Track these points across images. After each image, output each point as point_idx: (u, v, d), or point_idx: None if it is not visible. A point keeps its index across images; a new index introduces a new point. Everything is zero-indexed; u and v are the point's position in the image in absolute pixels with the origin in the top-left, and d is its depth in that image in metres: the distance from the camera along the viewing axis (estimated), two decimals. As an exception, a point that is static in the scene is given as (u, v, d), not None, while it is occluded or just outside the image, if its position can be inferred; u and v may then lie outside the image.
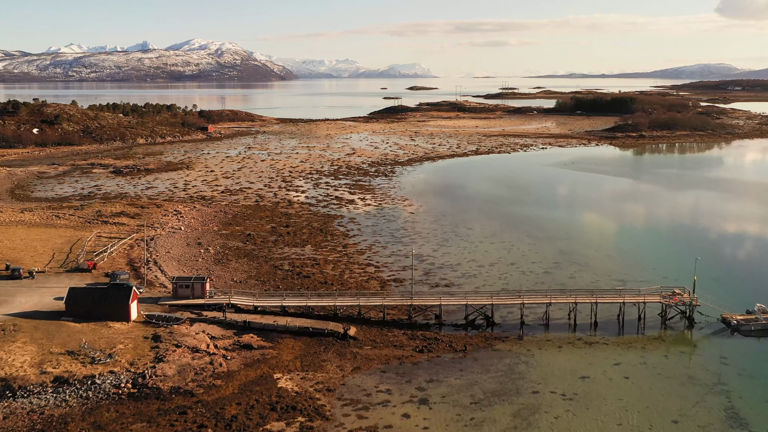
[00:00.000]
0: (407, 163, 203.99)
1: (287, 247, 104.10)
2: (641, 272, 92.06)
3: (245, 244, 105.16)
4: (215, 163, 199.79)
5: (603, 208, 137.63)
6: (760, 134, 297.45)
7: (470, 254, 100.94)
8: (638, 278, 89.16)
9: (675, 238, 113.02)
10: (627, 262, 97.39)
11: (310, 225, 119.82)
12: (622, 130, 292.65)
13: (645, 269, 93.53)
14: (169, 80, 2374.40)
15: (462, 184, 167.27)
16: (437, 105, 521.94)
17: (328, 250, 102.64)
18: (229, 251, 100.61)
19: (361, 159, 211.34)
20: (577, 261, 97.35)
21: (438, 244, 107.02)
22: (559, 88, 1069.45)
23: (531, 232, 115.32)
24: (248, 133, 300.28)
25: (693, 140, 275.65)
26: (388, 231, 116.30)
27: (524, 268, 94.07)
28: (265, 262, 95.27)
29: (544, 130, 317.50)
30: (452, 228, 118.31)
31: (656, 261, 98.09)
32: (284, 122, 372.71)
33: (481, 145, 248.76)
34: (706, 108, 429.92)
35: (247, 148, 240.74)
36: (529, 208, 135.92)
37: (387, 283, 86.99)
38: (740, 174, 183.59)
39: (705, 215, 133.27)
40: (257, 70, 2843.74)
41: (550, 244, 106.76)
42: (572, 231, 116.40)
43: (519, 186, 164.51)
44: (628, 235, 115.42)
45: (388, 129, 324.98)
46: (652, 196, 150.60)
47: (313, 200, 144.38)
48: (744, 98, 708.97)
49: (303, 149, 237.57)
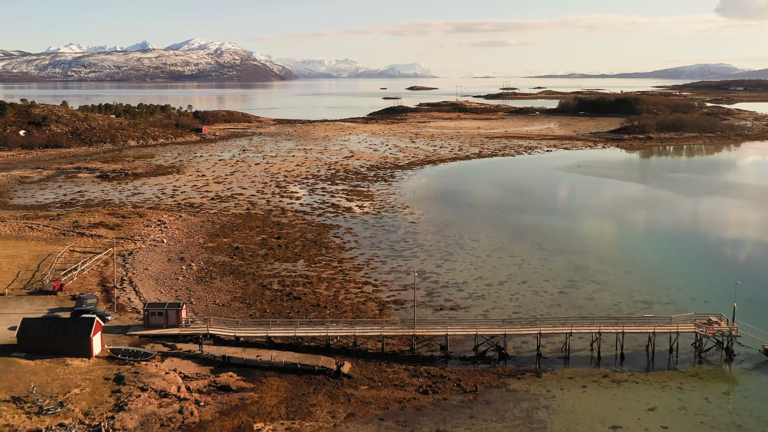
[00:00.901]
0: (407, 166, 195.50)
1: (278, 262, 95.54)
2: (666, 292, 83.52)
3: (232, 259, 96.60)
4: (207, 167, 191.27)
5: (617, 217, 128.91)
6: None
7: (477, 270, 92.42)
8: (663, 299, 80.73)
9: (700, 252, 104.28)
10: (649, 280, 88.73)
11: (303, 236, 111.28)
12: (628, 132, 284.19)
13: (670, 288, 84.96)
14: (168, 80, 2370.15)
15: (465, 190, 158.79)
16: (437, 105, 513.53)
17: (322, 266, 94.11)
18: (214, 267, 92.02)
19: (359, 162, 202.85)
20: (594, 278, 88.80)
21: (442, 259, 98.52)
22: (559, 88, 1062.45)
23: (541, 244, 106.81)
24: (244, 135, 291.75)
25: (702, 142, 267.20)
26: (388, 243, 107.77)
27: (537, 287, 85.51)
28: (253, 281, 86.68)
29: (547, 132, 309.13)
30: (456, 239, 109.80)
31: (681, 278, 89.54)
32: (281, 123, 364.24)
33: (483, 148, 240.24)
34: (711, 109, 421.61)
35: (242, 151, 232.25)
36: (537, 217, 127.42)
37: (386, 306, 78.45)
38: (760, 179, 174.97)
39: (730, 225, 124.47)
40: (257, 70, 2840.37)
41: (563, 259, 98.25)
42: (586, 243, 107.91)
43: (525, 192, 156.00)
44: (647, 247, 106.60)
45: (387, 130, 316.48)
46: (668, 204, 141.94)
47: (308, 208, 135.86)
48: (747, 98, 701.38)
49: (299, 152, 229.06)
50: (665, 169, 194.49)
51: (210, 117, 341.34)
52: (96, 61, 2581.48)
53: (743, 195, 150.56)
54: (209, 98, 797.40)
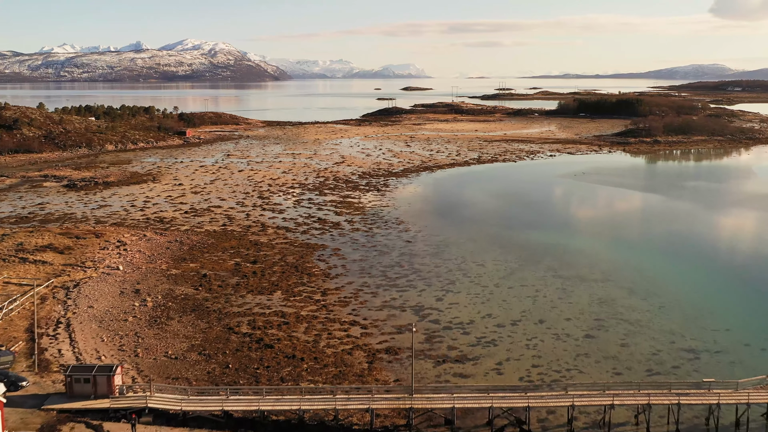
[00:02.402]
0: (402, 174, 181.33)
1: (251, 295, 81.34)
2: (712, 335, 69.52)
3: (197, 291, 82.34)
4: (186, 175, 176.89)
5: (638, 236, 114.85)
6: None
7: (485, 305, 78.32)
8: (712, 346, 66.78)
9: (741, 280, 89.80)
10: (689, 318, 74.67)
11: (283, 260, 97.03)
12: (634, 135, 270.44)
13: (716, 330, 70.92)
14: (161, 81, 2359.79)
15: (466, 201, 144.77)
16: (433, 106, 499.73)
17: (302, 299, 79.93)
18: (174, 303, 77.70)
19: (350, 169, 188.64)
20: (623, 316, 74.76)
21: (442, 289, 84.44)
22: (554, 89, 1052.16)
23: (557, 269, 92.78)
24: (230, 138, 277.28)
25: (712, 146, 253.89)
26: (380, 268, 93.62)
27: (557, 328, 71.40)
28: (218, 321, 72.40)
29: (548, 135, 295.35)
30: (459, 264, 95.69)
31: (726, 316, 75.62)
32: (271, 125, 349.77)
33: (483, 152, 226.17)
34: (716, 110, 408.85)
35: (226, 156, 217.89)
36: (548, 235, 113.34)
37: (377, 357, 64.30)
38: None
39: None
40: (251, 71, 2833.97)
41: (584, 289, 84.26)
42: (607, 268, 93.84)
43: (532, 204, 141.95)
44: (679, 274, 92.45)
45: (381, 133, 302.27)
46: (692, 218, 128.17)
47: (291, 223, 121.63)
48: (748, 99, 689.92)
49: (287, 157, 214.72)
50: (680, 176, 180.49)
51: (196, 119, 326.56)
52: (89, 61, 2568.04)
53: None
54: (202, 99, 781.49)
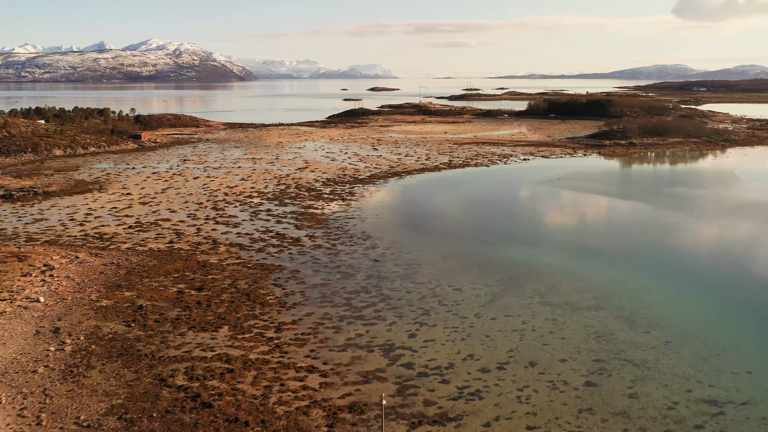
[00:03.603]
0: (369, 180, 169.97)
1: (192, 332, 69.48)
2: (734, 381, 59.10)
3: (129, 328, 70.24)
4: (136, 183, 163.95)
5: (627, 252, 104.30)
6: (757, 141, 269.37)
7: (465, 343, 67.23)
8: (735, 396, 56.30)
9: (753, 305, 79.44)
10: (702, 357, 64.22)
11: (234, 285, 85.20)
12: (609, 137, 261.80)
13: (737, 374, 60.52)
14: (125, 81, 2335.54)
15: (438, 212, 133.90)
16: (400, 107, 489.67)
17: (252, 337, 68.22)
18: (98, 346, 65.55)
19: (314, 175, 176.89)
20: (626, 356, 64.13)
21: (416, 321, 73.23)
22: (521, 89, 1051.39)
23: (544, 294, 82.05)
24: (188, 142, 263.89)
25: (689, 148, 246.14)
26: (344, 295, 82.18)
27: (552, 373, 60.54)
28: (149, 370, 60.45)
29: (520, 137, 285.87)
30: (433, 288, 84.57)
31: (744, 353, 65.28)
32: (232, 127, 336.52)
33: (453, 156, 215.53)
34: (687, 111, 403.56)
35: (182, 161, 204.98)
36: (530, 251, 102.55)
37: (338, 416, 52.78)
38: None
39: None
40: (216, 71, 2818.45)
41: (576, 320, 73.58)
42: (599, 292, 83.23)
43: (509, 214, 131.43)
44: (681, 298, 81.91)
45: (347, 135, 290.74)
46: (685, 231, 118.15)
47: (246, 239, 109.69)
48: (714, 99, 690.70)
49: (247, 162, 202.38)
50: (662, 182, 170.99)
51: (153, 121, 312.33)
52: (51, 61, 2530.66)
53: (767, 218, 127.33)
54: (165, 100, 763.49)
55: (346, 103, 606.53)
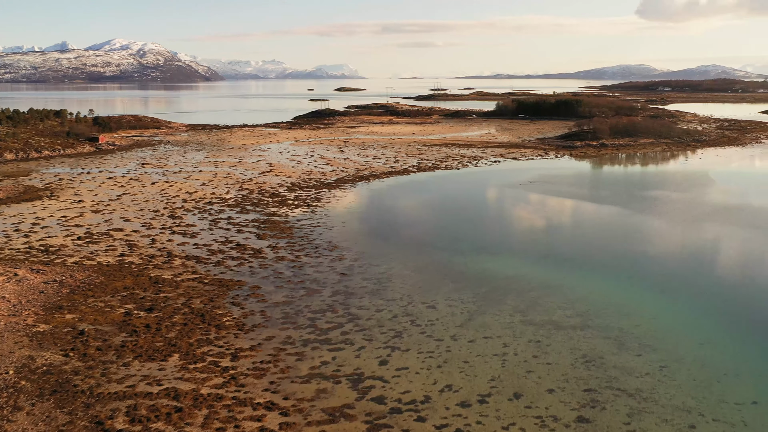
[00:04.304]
0: (336, 184, 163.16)
1: (138, 362, 62.27)
2: (739, 413, 53.36)
3: (67, 358, 62.82)
4: (90, 189, 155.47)
5: (608, 261, 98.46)
6: (728, 141, 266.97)
7: (442, 371, 60.81)
8: (742, 430, 50.67)
9: (749, 320, 73.96)
10: (701, 383, 58.47)
11: (188, 305, 77.99)
12: (580, 138, 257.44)
13: (741, 404, 54.83)
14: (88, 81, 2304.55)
15: (408, 219, 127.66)
16: (367, 108, 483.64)
17: (205, 367, 61.19)
18: (29, 381, 58.09)
19: (278, 180, 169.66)
20: (619, 384, 58.18)
21: (387, 345, 66.67)
22: (488, 89, 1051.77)
23: (525, 312, 75.95)
24: (148, 144, 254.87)
25: (660, 149, 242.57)
26: (308, 314, 75.37)
27: (540, 406, 54.39)
28: (85, 410, 53.19)
29: (489, 138, 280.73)
30: (405, 306, 78.10)
31: (746, 377, 59.67)
32: (195, 129, 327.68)
33: (423, 158, 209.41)
34: (655, 111, 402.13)
35: (141, 165, 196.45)
36: (506, 262, 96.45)
37: (300, 466, 46.23)
38: (756, 198, 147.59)
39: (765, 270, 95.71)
40: (181, 71, 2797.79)
41: (562, 341, 67.54)
42: (583, 308, 77.31)
43: (482, 221, 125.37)
44: (671, 315, 76.12)
45: (313, 137, 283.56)
46: (667, 238, 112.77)
47: (204, 251, 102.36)
48: (680, 99, 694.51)
49: (209, 166, 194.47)
50: (637, 185, 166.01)
51: (113, 123, 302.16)
52: (11, 61, 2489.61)
53: (754, 222, 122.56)
54: (129, 100, 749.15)
55: (313, 103, 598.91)
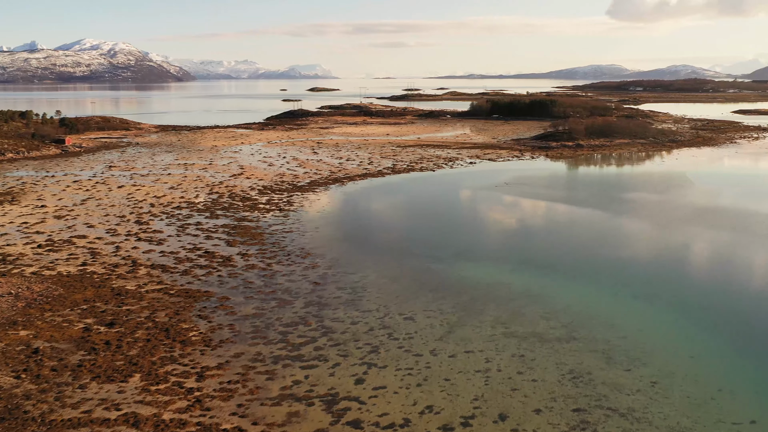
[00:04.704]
0: (309, 187, 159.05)
1: (95, 383, 57.93)
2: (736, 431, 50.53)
3: (18, 381, 58.25)
4: (54, 193, 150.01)
5: (590, 267, 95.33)
6: (703, 141, 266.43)
7: (422, 390, 57.13)
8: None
9: (740, 332, 70.68)
10: (696, 401, 55.30)
11: (152, 318, 73.65)
12: (556, 139, 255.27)
13: (740, 423, 51.74)
14: (57, 82, 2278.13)
15: (383, 224, 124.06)
16: (341, 108, 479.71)
17: (168, 390, 57.00)
18: (-25, 407, 53.71)
19: (249, 182, 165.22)
20: (609, 402, 54.88)
21: (363, 361, 62.87)
22: (461, 89, 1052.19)
23: (506, 323, 72.53)
24: (117, 146, 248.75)
25: (636, 149, 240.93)
26: (280, 328, 71.33)
27: (527, 430, 50.82)
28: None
29: (464, 138, 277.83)
30: (381, 317, 74.35)
31: (742, 394, 56.63)
32: (165, 130, 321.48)
33: (397, 160, 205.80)
34: (629, 111, 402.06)
35: (108, 168, 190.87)
36: (485, 269, 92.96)
37: (270, 503, 42.31)
38: (734, 201, 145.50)
39: (753, 276, 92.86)
40: (153, 71, 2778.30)
41: (547, 355, 64.15)
42: (568, 319, 73.96)
43: (459, 225, 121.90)
44: (659, 325, 72.84)
45: (285, 138, 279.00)
46: (650, 242, 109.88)
47: (171, 259, 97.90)
48: (652, 99, 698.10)
49: (178, 168, 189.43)
50: (616, 187, 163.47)
51: (80, 124, 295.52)
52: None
53: (738, 225, 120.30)
54: (95, 101, 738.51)
55: (286, 103, 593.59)
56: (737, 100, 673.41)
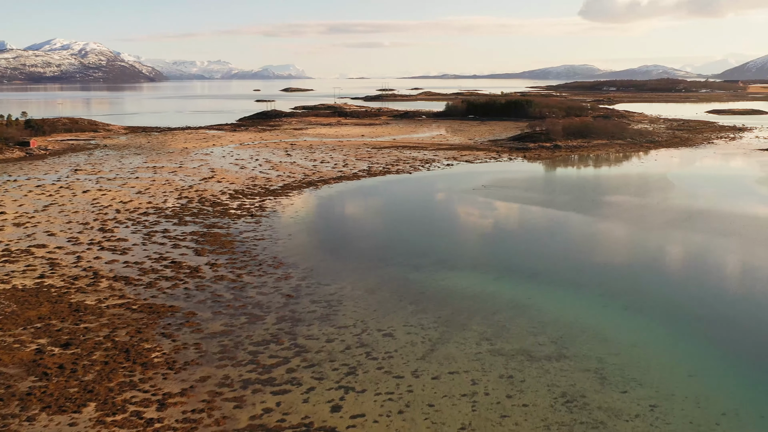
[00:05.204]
0: (282, 191, 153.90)
1: (45, 414, 52.63)
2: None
3: (-41, 413, 53.00)
4: (15, 198, 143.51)
5: (576, 275, 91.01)
6: (680, 142, 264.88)
7: (404, 418, 52.39)
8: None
9: (739, 346, 66.94)
10: (700, 428, 51.20)
11: (111, 337, 68.32)
12: (533, 139, 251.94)
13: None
14: (27, 82, 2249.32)
15: (359, 230, 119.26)
16: (315, 109, 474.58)
17: (125, 421, 51.78)
18: None
19: (220, 186, 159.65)
20: (607, 429, 50.59)
21: (340, 385, 58.04)
22: (435, 89, 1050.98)
23: (491, 339, 68.06)
24: (84, 149, 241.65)
25: (614, 150, 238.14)
26: (249, 348, 66.30)
27: (520, 463, 46.51)
28: (-29, 485, 43.77)
29: (441, 140, 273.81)
30: (359, 334, 69.58)
31: (748, 421, 52.63)
32: (135, 132, 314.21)
33: (373, 162, 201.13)
34: (605, 111, 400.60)
35: (73, 171, 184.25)
36: (467, 279, 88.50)
37: None
38: (718, 202, 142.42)
39: (743, 283, 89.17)
40: (124, 72, 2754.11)
41: (537, 376, 59.70)
42: (557, 333, 69.65)
43: (438, 231, 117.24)
44: (654, 340, 68.61)
45: (258, 140, 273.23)
46: (636, 248, 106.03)
47: (135, 270, 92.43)
48: (626, 99, 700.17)
49: (147, 171, 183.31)
50: (597, 189, 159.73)
51: (47, 126, 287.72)
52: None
53: (723, 230, 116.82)
54: (63, 102, 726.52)
55: (259, 104, 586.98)
56: (710, 100, 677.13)
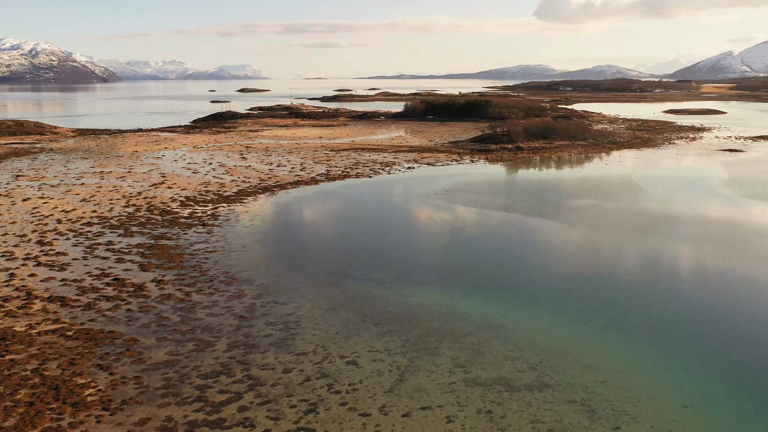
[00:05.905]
0: (236, 197, 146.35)
1: (-46, 472, 45.27)
2: None
3: None
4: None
5: (552, 289, 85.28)
6: (642, 143, 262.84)
7: (372, 467, 46.14)
8: None
9: (737, 368, 61.87)
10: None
11: (40, 371, 60.68)
12: (494, 141, 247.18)
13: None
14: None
15: (318, 239, 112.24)
16: (271, 110, 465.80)
17: (48, 478, 44.59)
18: None
19: (171, 193, 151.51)
20: (603, 477, 44.86)
21: (298, 427, 51.26)
22: (392, 89, 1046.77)
23: (466, 366, 61.84)
24: (28, 152, 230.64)
25: (576, 151, 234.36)
26: (197, 380, 59.21)
27: None
28: None
29: (400, 141, 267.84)
30: (319, 363, 62.84)
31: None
32: (84, 134, 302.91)
33: (331, 165, 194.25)
34: (564, 111, 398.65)
35: (14, 177, 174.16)
36: (436, 296, 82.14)
37: None
38: (686, 206, 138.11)
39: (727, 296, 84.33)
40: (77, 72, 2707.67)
41: (518, 410, 53.64)
42: (535, 358, 63.72)
43: (401, 241, 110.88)
44: (643, 364, 62.96)
45: (213, 142, 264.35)
46: (610, 257, 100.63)
47: (73, 289, 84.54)
48: (583, 99, 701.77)
49: (93, 177, 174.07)
50: (563, 193, 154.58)
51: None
52: None
53: (700, 236, 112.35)
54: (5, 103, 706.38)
55: (214, 105, 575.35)
56: (665, 100, 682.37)
